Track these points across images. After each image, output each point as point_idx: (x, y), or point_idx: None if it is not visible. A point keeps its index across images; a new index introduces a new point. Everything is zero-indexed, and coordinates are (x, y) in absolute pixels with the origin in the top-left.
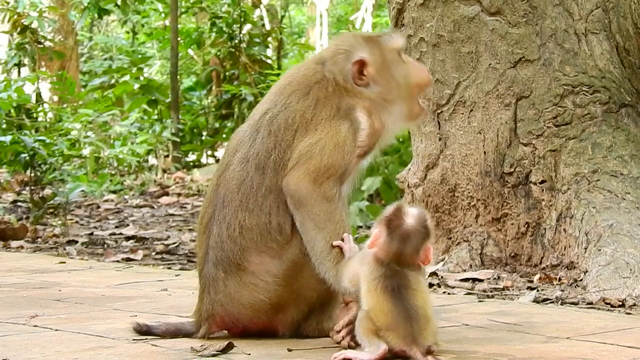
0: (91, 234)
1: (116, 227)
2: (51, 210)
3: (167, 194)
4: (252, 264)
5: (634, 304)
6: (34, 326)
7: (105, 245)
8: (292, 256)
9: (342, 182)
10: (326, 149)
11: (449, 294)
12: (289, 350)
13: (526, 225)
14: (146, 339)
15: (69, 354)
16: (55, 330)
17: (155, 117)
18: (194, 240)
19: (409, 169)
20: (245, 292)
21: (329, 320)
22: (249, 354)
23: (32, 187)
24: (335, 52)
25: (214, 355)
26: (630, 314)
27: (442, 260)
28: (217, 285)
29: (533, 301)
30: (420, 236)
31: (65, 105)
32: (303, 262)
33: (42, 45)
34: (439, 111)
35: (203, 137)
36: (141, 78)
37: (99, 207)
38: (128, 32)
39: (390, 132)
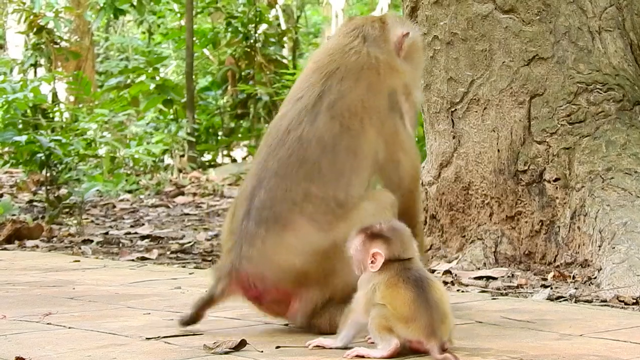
0: (106, 233)
1: (131, 226)
2: (67, 209)
3: (182, 193)
4: (302, 228)
5: None
6: (48, 324)
7: (121, 245)
8: (338, 236)
9: None
10: (401, 158)
11: (462, 291)
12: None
13: (540, 223)
14: (159, 336)
15: (82, 351)
16: (69, 328)
17: (171, 117)
18: (209, 240)
19: (423, 167)
20: (282, 252)
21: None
22: (262, 351)
23: (48, 187)
24: (377, 27)
25: (226, 353)
26: None
27: (456, 258)
28: (253, 241)
29: (547, 299)
30: (404, 225)
31: (81, 105)
32: (343, 247)
33: (58, 46)
34: (452, 109)
35: (219, 137)
36: (157, 78)
37: (114, 206)
38: (144, 33)
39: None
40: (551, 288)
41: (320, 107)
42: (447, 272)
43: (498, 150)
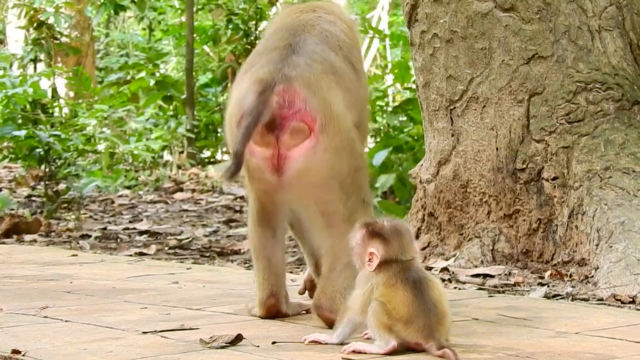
0: (105, 228)
1: (130, 222)
2: (65, 204)
3: (181, 189)
4: (346, 95)
5: None
6: (44, 317)
7: (119, 240)
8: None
9: None
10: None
11: (459, 289)
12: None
13: (538, 222)
14: (155, 330)
15: (79, 344)
16: (65, 321)
17: (171, 113)
18: (207, 236)
19: (422, 164)
20: (331, 92)
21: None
22: (258, 346)
23: (47, 182)
24: (328, 8)
25: (222, 347)
26: None
27: (454, 256)
28: (308, 68)
29: (543, 297)
30: (407, 227)
31: (80, 101)
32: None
33: (58, 41)
34: (451, 107)
35: (218, 134)
36: (157, 74)
37: (113, 202)
38: (144, 29)
39: None
40: (548, 286)
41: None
42: (445, 269)
43: (497, 149)
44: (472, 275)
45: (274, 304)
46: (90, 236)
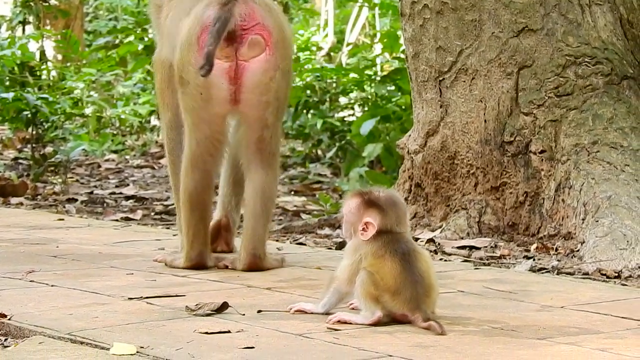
0: (91, 192)
1: (116, 186)
2: (52, 168)
3: None
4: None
5: (630, 276)
6: (30, 281)
7: (105, 204)
8: None
9: None
10: None
11: (445, 261)
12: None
13: (525, 195)
14: (141, 297)
15: (64, 309)
16: (51, 286)
17: None
18: None
19: (409, 135)
20: (280, 15)
21: None
22: (243, 315)
23: (34, 145)
24: None
25: (208, 315)
26: (625, 285)
27: (440, 227)
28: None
29: (529, 270)
30: (401, 198)
31: (68, 64)
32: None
33: (47, 4)
34: (440, 78)
35: None
36: (145, 39)
37: (99, 166)
38: None
39: None
40: (534, 259)
41: None
42: (431, 240)
43: (485, 121)
44: (458, 247)
45: (202, 261)
46: (76, 200)
